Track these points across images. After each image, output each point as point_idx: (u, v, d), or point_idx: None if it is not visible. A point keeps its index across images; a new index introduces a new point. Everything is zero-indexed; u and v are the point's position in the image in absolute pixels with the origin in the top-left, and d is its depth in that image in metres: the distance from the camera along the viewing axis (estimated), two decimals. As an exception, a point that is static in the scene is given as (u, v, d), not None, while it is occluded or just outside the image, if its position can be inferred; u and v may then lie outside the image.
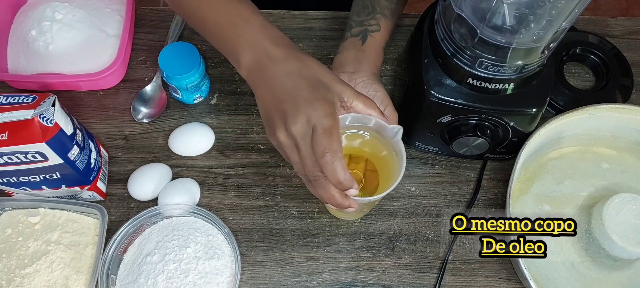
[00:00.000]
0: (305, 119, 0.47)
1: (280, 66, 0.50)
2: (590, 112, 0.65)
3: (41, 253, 0.60)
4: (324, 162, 0.46)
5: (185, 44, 0.70)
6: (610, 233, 0.60)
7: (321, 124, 0.47)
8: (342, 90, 0.50)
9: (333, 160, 0.46)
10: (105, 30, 0.74)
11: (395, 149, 0.55)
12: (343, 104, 0.51)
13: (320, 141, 0.46)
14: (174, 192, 0.65)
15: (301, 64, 0.50)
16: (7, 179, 0.59)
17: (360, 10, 0.65)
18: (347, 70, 0.60)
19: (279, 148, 0.51)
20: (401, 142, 0.53)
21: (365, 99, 0.52)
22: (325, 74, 0.50)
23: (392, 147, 0.55)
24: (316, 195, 0.51)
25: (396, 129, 0.53)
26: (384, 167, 0.58)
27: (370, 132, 0.56)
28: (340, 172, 0.47)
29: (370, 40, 0.63)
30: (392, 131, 0.53)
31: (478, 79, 0.57)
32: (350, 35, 0.64)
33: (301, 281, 0.64)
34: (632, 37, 0.81)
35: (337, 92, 0.50)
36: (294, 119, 0.47)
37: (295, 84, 0.49)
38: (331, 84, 0.50)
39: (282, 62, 0.50)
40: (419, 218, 0.67)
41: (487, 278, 0.64)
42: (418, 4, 0.77)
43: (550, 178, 0.68)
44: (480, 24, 0.52)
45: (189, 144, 0.69)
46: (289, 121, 0.47)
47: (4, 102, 0.55)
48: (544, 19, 0.50)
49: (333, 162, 0.46)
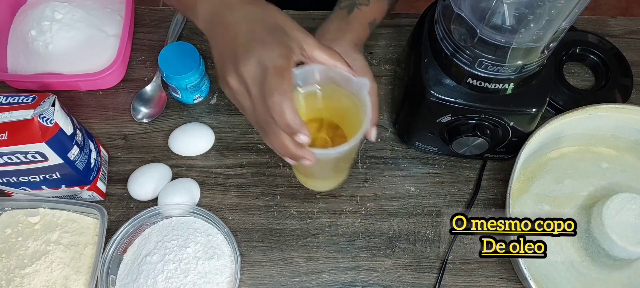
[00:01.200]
0: (257, 61, 0.44)
1: (237, 12, 0.47)
2: (590, 112, 0.65)
3: (41, 253, 0.60)
4: (271, 103, 0.43)
5: (185, 44, 0.70)
6: (610, 233, 0.60)
7: (273, 63, 0.44)
8: (302, 38, 0.47)
9: (281, 100, 0.43)
10: (104, 30, 0.74)
11: (362, 104, 0.50)
12: (303, 53, 0.47)
13: (270, 81, 0.43)
14: (173, 192, 0.65)
15: (260, 10, 0.47)
16: (6, 179, 0.59)
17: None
18: (327, 38, 0.57)
19: (232, 96, 0.48)
20: (368, 97, 0.49)
21: (330, 51, 0.48)
22: (286, 20, 0.47)
23: (359, 103, 0.51)
24: (270, 146, 0.48)
25: (363, 81, 0.49)
26: (353, 127, 0.52)
27: (337, 91, 0.52)
28: (288, 113, 0.44)
29: (356, 12, 0.61)
30: (358, 84, 0.49)
31: (478, 78, 0.57)
32: (338, 8, 0.62)
33: (301, 281, 0.64)
34: (632, 36, 0.81)
35: (296, 38, 0.47)
36: (245, 61, 0.44)
37: (250, 28, 0.46)
38: (291, 30, 0.47)
39: (240, 8, 0.47)
40: (419, 218, 0.67)
41: (486, 278, 0.64)
42: (418, 4, 0.77)
43: (550, 178, 0.68)
44: (479, 24, 0.52)
45: (189, 144, 0.69)
46: (240, 64, 0.45)
47: (3, 102, 0.55)
48: (543, 18, 0.50)
49: (281, 103, 0.43)
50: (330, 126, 0.56)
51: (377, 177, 0.69)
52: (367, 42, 0.78)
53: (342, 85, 0.51)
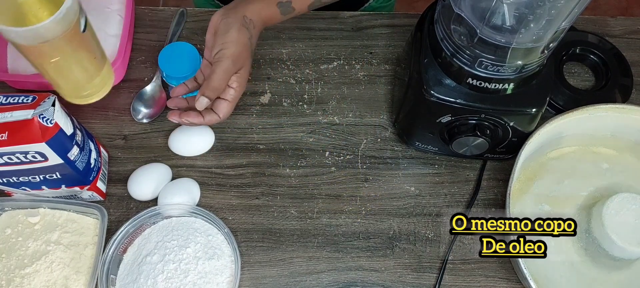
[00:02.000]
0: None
1: None
2: (590, 111, 0.65)
3: (41, 254, 0.60)
4: None
5: (185, 44, 0.70)
6: (610, 233, 0.60)
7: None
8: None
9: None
10: (105, 30, 0.74)
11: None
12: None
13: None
14: (173, 191, 0.65)
15: None
16: (7, 179, 0.59)
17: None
18: (229, 7, 0.61)
19: None
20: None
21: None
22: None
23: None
24: None
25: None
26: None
27: None
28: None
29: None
30: None
31: (478, 78, 0.57)
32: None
33: (301, 281, 0.64)
34: (632, 36, 0.81)
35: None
36: None
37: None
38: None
39: None
40: (419, 218, 0.67)
41: (486, 278, 0.64)
42: (418, 4, 0.77)
43: (550, 178, 0.68)
44: (479, 24, 0.52)
45: (189, 144, 0.69)
46: None
47: (3, 102, 0.55)
48: (543, 18, 0.50)
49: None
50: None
51: (377, 177, 0.69)
52: (368, 42, 0.78)
53: None
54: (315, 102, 0.74)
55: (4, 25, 0.47)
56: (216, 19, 0.61)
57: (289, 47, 0.78)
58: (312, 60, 0.77)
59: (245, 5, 0.61)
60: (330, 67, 0.77)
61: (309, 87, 0.75)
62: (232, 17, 0.60)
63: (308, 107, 0.74)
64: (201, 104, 0.58)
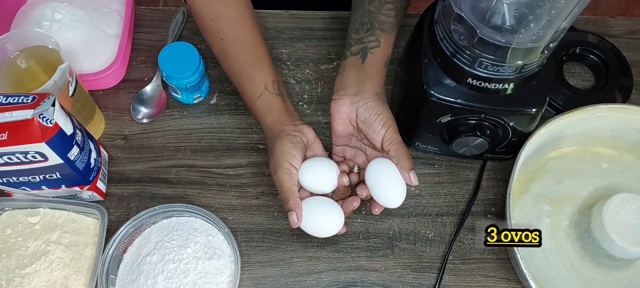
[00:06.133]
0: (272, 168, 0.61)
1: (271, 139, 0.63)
2: (590, 112, 0.65)
3: (41, 254, 0.60)
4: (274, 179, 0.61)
5: (185, 44, 0.70)
6: (609, 233, 0.60)
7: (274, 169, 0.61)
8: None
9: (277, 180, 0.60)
10: (104, 30, 0.74)
11: None
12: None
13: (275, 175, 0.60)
14: (313, 169, 0.60)
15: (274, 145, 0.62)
16: (6, 179, 0.59)
17: (358, 27, 0.63)
18: (348, 93, 0.60)
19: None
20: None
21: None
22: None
23: None
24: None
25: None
26: None
27: None
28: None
29: (370, 57, 0.62)
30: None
31: (478, 78, 0.57)
32: (350, 54, 0.62)
33: (301, 281, 0.64)
34: (632, 36, 0.81)
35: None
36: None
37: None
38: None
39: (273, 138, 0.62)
40: (419, 218, 0.67)
41: (486, 278, 0.64)
42: (418, 4, 0.77)
43: (550, 178, 0.68)
44: (479, 24, 0.52)
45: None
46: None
47: (3, 102, 0.55)
48: (543, 18, 0.50)
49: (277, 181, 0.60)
50: None
51: (377, 177, 0.69)
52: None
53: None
54: (315, 102, 0.74)
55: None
56: (347, 109, 0.60)
57: (289, 47, 0.78)
58: (312, 60, 0.77)
59: (367, 82, 0.60)
60: (330, 67, 0.77)
61: (309, 87, 0.75)
62: (367, 98, 0.59)
63: (308, 107, 0.74)
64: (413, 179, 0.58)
